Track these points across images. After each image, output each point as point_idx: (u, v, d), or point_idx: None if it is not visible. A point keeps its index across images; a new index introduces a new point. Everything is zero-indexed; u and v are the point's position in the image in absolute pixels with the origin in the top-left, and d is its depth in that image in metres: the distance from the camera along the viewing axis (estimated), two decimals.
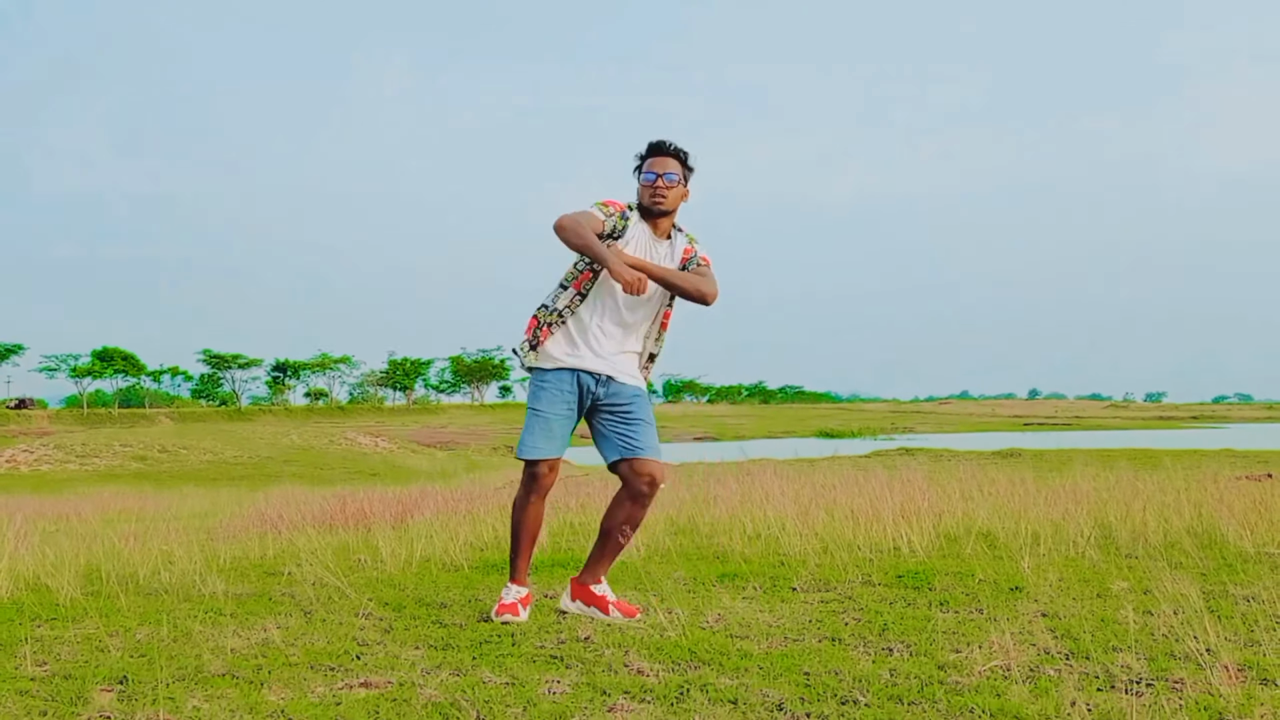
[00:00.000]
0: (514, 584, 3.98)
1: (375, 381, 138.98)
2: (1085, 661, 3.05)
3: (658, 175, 3.93)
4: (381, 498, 9.15)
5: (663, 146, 3.98)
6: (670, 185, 3.94)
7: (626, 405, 3.95)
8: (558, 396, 3.94)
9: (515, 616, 3.84)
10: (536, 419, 3.94)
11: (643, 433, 3.93)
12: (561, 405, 3.94)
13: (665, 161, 3.96)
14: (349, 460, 42.28)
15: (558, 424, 3.94)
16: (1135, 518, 5.65)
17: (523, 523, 4.06)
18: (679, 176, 3.97)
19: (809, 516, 6.16)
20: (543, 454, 3.93)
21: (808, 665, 3.05)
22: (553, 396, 3.94)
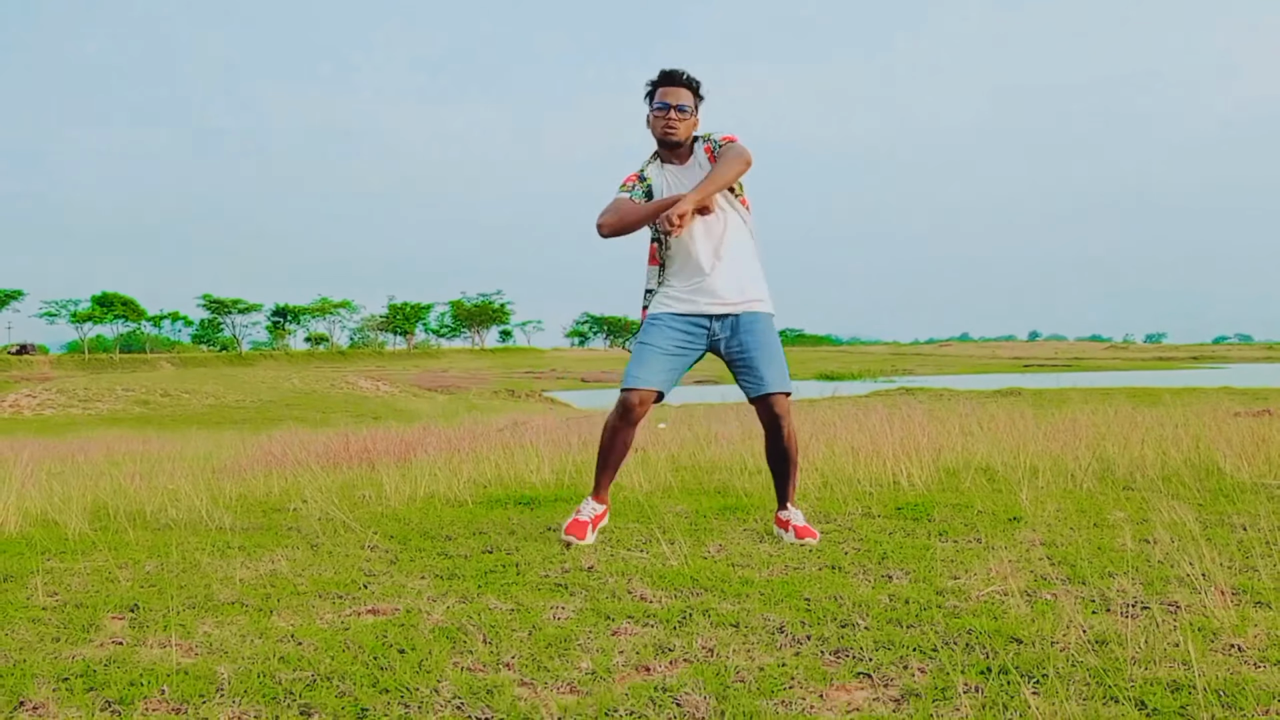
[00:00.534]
0: (593, 499, 4.08)
1: (375, 326, 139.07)
2: (1082, 586, 3.09)
3: (670, 106, 3.95)
4: (385, 436, 9.21)
5: (675, 76, 3.98)
6: (683, 116, 3.96)
7: (741, 341, 3.96)
8: (665, 332, 3.98)
9: (579, 539, 3.92)
10: (639, 349, 4.00)
11: (760, 368, 3.94)
12: (666, 340, 3.97)
13: (678, 92, 3.96)
14: (350, 404, 42.44)
15: (658, 357, 3.96)
16: (1134, 450, 5.69)
17: (610, 445, 4.07)
18: (690, 107, 3.98)
19: (809, 452, 6.20)
20: (636, 383, 3.94)
21: (808, 591, 3.09)
22: (659, 331, 3.99)
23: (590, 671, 2.41)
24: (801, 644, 2.60)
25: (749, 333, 3.98)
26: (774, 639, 2.64)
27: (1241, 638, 2.52)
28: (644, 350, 3.97)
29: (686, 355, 4.02)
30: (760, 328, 4.00)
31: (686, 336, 4.00)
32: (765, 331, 4.00)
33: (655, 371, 3.97)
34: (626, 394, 3.97)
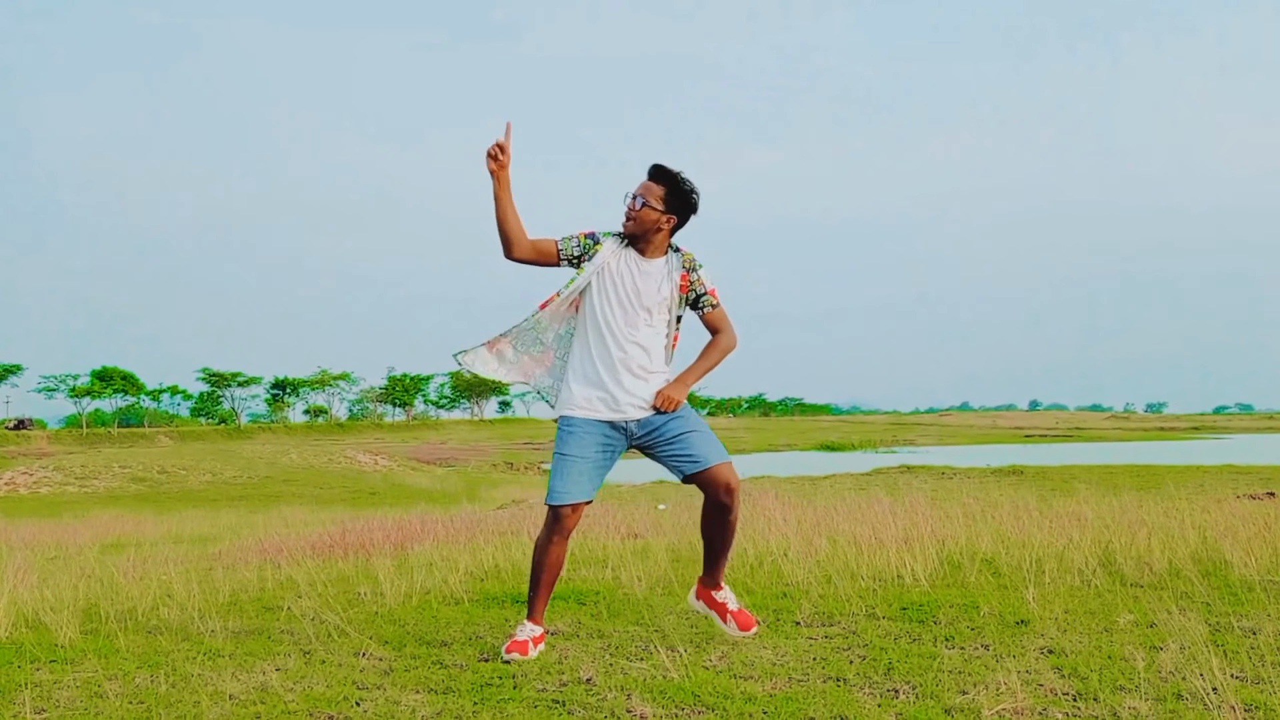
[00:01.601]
0: (529, 621, 3.94)
1: (375, 398, 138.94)
2: (1093, 704, 3.02)
3: (631, 196, 3.93)
4: (381, 525, 9.12)
5: (653, 170, 3.94)
6: (634, 206, 3.90)
7: (666, 427, 3.89)
8: (586, 439, 3.90)
9: (523, 655, 3.79)
10: (562, 462, 3.89)
11: (696, 444, 3.85)
12: (589, 449, 3.90)
13: (646, 186, 3.92)
14: (349, 479, 42.22)
15: (585, 467, 3.88)
16: (1140, 544, 5.61)
17: (543, 564, 3.96)
18: (649, 199, 3.88)
19: (811, 544, 6.13)
20: (565, 499, 3.86)
21: (813, 709, 3.02)
22: (581, 440, 3.90)
23: None
24: None
25: (673, 420, 3.90)
26: None
27: None
28: (566, 462, 3.87)
29: (609, 458, 3.95)
30: (684, 412, 3.94)
31: (607, 440, 3.92)
32: (691, 415, 3.95)
33: (581, 483, 3.88)
34: (556, 510, 3.89)
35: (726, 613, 4.00)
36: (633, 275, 3.94)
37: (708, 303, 4.03)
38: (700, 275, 4.00)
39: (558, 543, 3.94)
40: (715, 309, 4.06)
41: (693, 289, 4.00)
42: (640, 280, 3.94)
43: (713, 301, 4.04)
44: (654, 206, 3.89)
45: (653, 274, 3.95)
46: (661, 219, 3.91)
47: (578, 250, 3.97)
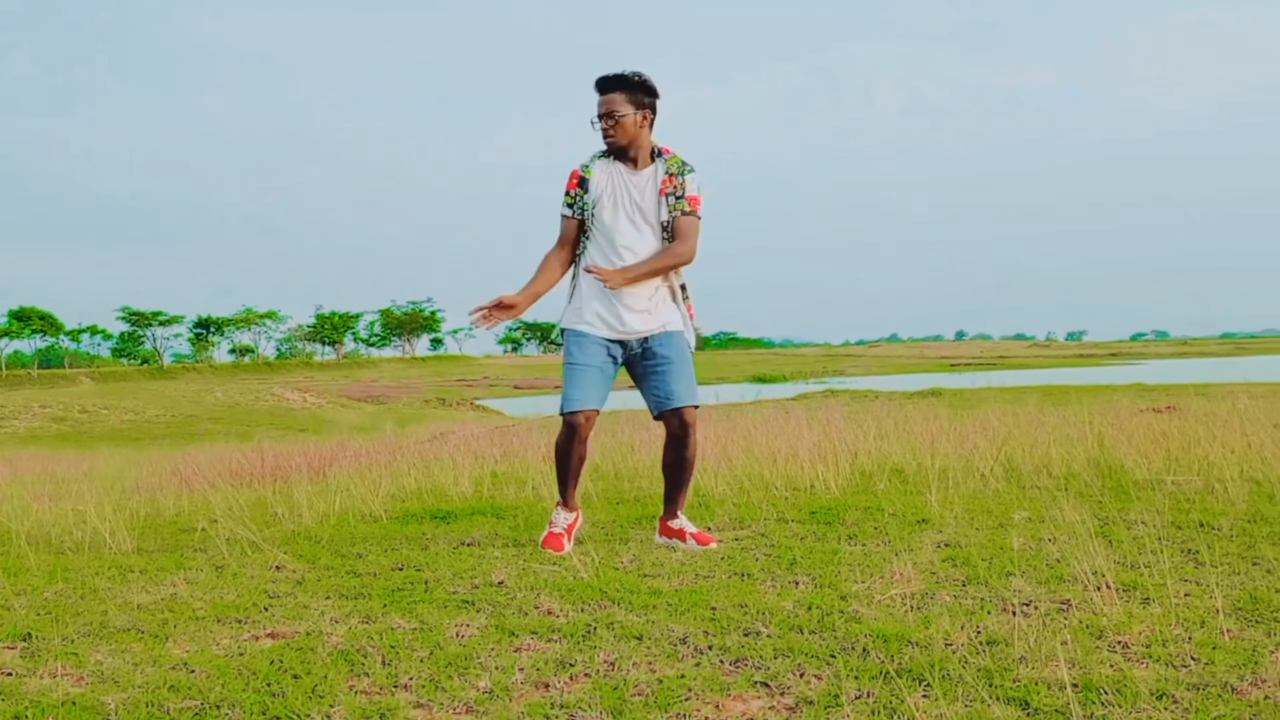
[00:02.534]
0: (563, 509, 4.10)
1: (303, 336, 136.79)
2: (980, 587, 3.15)
3: (601, 116, 3.90)
4: (301, 451, 9.06)
5: (604, 82, 3.91)
6: (613, 123, 3.88)
7: (655, 355, 3.97)
8: (592, 350, 3.96)
9: (557, 550, 3.94)
10: (573, 370, 3.95)
11: (671, 383, 3.94)
12: (596, 358, 3.95)
13: (609, 99, 3.90)
14: (276, 416, 41.71)
15: (594, 375, 3.94)
16: (1040, 450, 5.82)
17: (568, 462, 4.04)
18: (623, 110, 3.88)
19: (728, 458, 6.24)
20: (579, 404, 3.92)
21: (715, 600, 3.11)
22: (588, 349, 3.96)
23: (488, 691, 2.40)
24: (703, 654, 2.61)
25: (663, 347, 3.98)
26: (676, 650, 2.65)
27: (1126, 634, 2.59)
28: (577, 370, 3.94)
29: (612, 371, 4.02)
30: (674, 344, 4.00)
31: (609, 355, 3.99)
32: (679, 348, 4.00)
33: (593, 390, 3.95)
34: (571, 416, 3.94)
35: (686, 535, 4.06)
36: (627, 186, 3.95)
37: (680, 207, 3.96)
38: (685, 179, 3.96)
39: (577, 446, 4.00)
40: (686, 215, 3.97)
41: (672, 191, 3.95)
42: (635, 191, 3.95)
43: (685, 208, 3.96)
44: (627, 113, 3.88)
45: (643, 182, 3.96)
46: (638, 119, 3.91)
47: (583, 200, 3.98)
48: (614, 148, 3.94)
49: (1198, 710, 2.10)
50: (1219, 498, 4.50)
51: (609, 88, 3.90)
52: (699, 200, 3.97)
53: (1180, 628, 2.66)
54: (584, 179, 3.98)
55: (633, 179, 3.95)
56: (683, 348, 4.02)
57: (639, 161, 3.97)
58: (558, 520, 4.12)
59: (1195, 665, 2.37)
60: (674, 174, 3.95)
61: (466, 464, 7.18)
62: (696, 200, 3.96)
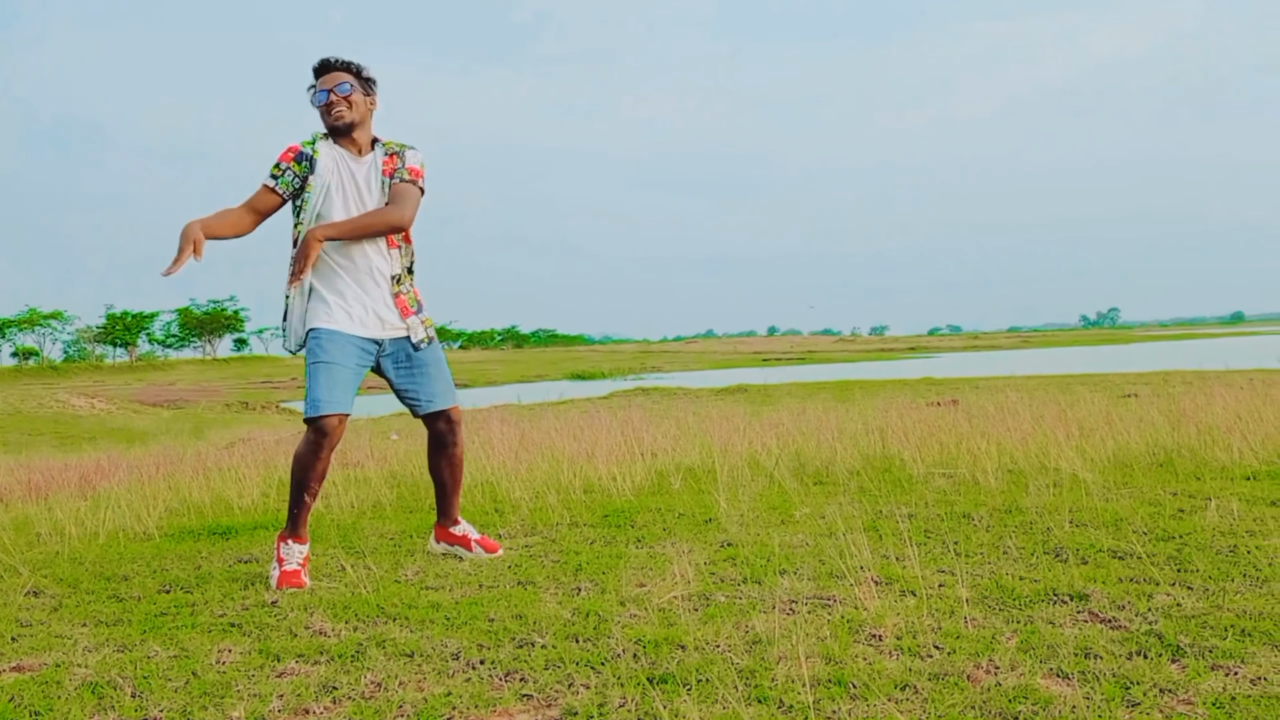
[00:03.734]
0: (295, 541, 3.69)
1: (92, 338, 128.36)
2: (755, 587, 3.24)
3: (330, 91, 3.75)
4: (73, 465, 8.49)
5: (328, 63, 3.79)
6: (345, 96, 3.75)
7: (411, 355, 3.83)
8: (346, 349, 3.67)
9: (299, 587, 3.52)
10: (321, 370, 3.62)
11: (424, 381, 3.82)
12: (349, 358, 3.68)
13: (334, 76, 3.77)
14: (61, 424, 38.95)
15: (345, 375, 3.65)
16: (827, 449, 6.06)
17: (309, 475, 3.66)
18: (353, 86, 3.77)
19: (524, 463, 6.22)
20: (331, 407, 3.59)
21: (494, 611, 3.08)
22: (338, 347, 3.66)
23: None
24: (474, 669, 2.58)
25: (416, 347, 3.83)
26: (447, 666, 2.61)
27: (881, 627, 2.72)
28: (327, 370, 3.62)
29: (363, 372, 3.78)
30: (429, 343, 3.87)
31: (362, 354, 3.75)
32: (433, 347, 3.88)
33: (345, 391, 3.65)
34: (323, 420, 3.59)
35: (470, 542, 3.96)
36: (354, 175, 3.78)
37: (401, 175, 3.80)
38: (405, 156, 3.83)
39: (324, 457, 3.66)
40: (405, 183, 3.79)
41: (395, 170, 3.80)
42: (361, 180, 3.78)
43: (407, 176, 3.80)
44: (358, 90, 3.79)
45: (366, 169, 3.80)
46: (368, 102, 3.83)
47: (297, 179, 3.74)
48: (341, 127, 3.76)
49: (934, 699, 2.22)
50: (981, 490, 4.79)
51: (336, 68, 3.79)
52: (421, 172, 3.83)
53: (931, 618, 2.81)
54: (305, 154, 3.74)
55: (356, 166, 3.79)
56: (436, 345, 3.89)
57: (362, 149, 3.82)
58: (290, 557, 3.66)
59: (939, 654, 2.50)
60: (395, 153, 3.82)
61: (255, 473, 6.90)
62: (418, 171, 3.82)
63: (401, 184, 3.78)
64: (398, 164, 3.82)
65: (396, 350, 3.83)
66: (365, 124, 3.83)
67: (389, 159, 3.82)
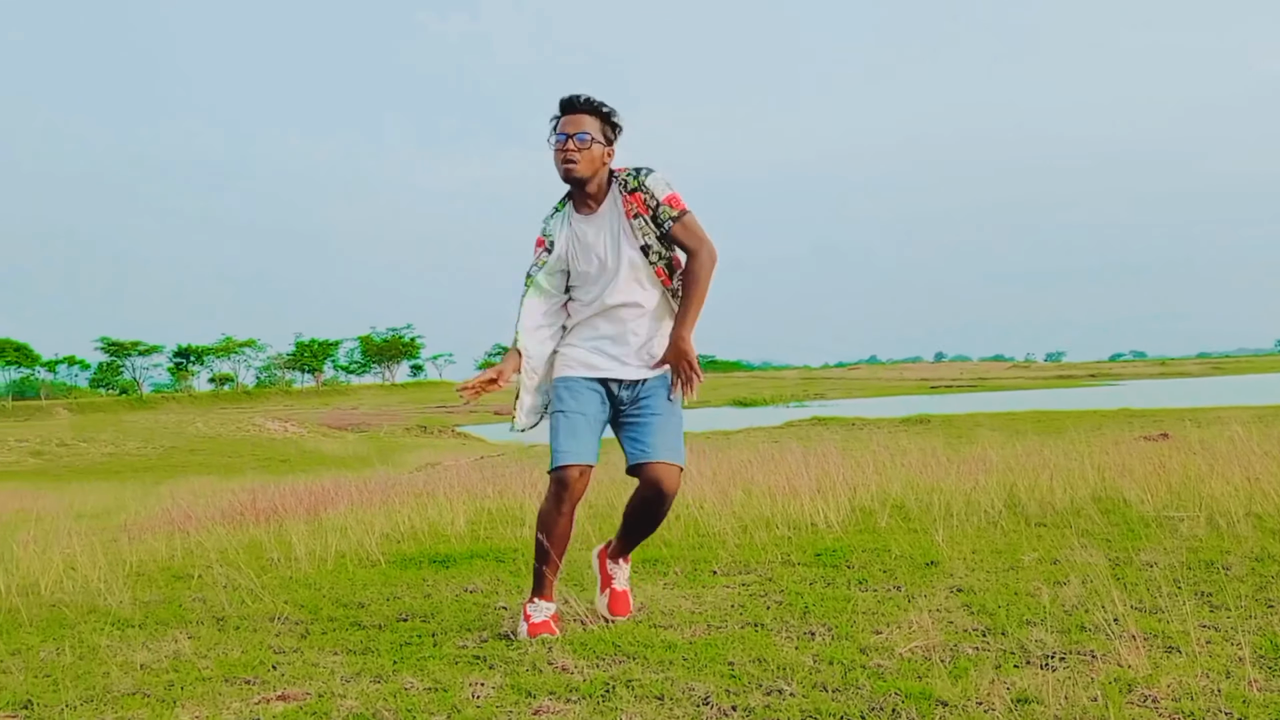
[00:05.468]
0: (541, 600, 3.49)
1: (283, 364, 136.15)
2: (1001, 638, 3.11)
3: (567, 136, 3.43)
4: (293, 490, 8.95)
5: (573, 102, 3.45)
6: (581, 145, 3.42)
7: (643, 402, 3.51)
8: (586, 395, 3.49)
9: (551, 635, 3.40)
10: (563, 419, 3.45)
11: (650, 431, 3.46)
12: (589, 405, 3.48)
13: (577, 120, 3.44)
14: (258, 447, 41.34)
15: (588, 424, 3.45)
16: (1043, 485, 5.80)
17: (551, 537, 3.47)
18: (593, 135, 3.44)
19: (727, 495, 6.20)
20: (571, 458, 3.39)
21: (732, 654, 3.06)
22: (580, 396, 3.48)
23: None
24: (728, 716, 2.56)
25: (652, 396, 3.51)
26: (699, 712, 2.60)
27: (1155, 688, 2.56)
28: (568, 419, 3.44)
29: (605, 419, 3.54)
30: (663, 393, 3.52)
31: (603, 402, 3.52)
32: (660, 388, 3.53)
33: (587, 443, 3.43)
34: (563, 472, 3.40)
35: (608, 586, 3.70)
36: (586, 234, 3.52)
37: (666, 215, 3.46)
38: (649, 185, 3.47)
39: (566, 513, 3.45)
40: (679, 221, 3.47)
41: (646, 204, 3.47)
42: (595, 236, 3.51)
43: (672, 213, 3.46)
44: (599, 140, 3.46)
45: (602, 225, 3.52)
46: (606, 152, 3.50)
47: (549, 266, 3.57)
48: (572, 179, 3.47)
49: None
50: (1225, 535, 4.48)
51: (580, 109, 3.46)
52: (678, 197, 3.48)
53: (1206, 679, 2.63)
54: (545, 242, 3.59)
55: (587, 225, 3.52)
56: (666, 403, 3.52)
57: (596, 199, 3.53)
58: (537, 612, 3.47)
59: None
60: (634, 189, 3.48)
61: (460, 500, 7.11)
62: (676, 199, 3.48)
63: (676, 225, 3.46)
64: (647, 199, 3.48)
65: (630, 397, 3.54)
66: (600, 175, 3.51)
67: (631, 197, 3.48)
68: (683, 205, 3.48)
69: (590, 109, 3.46)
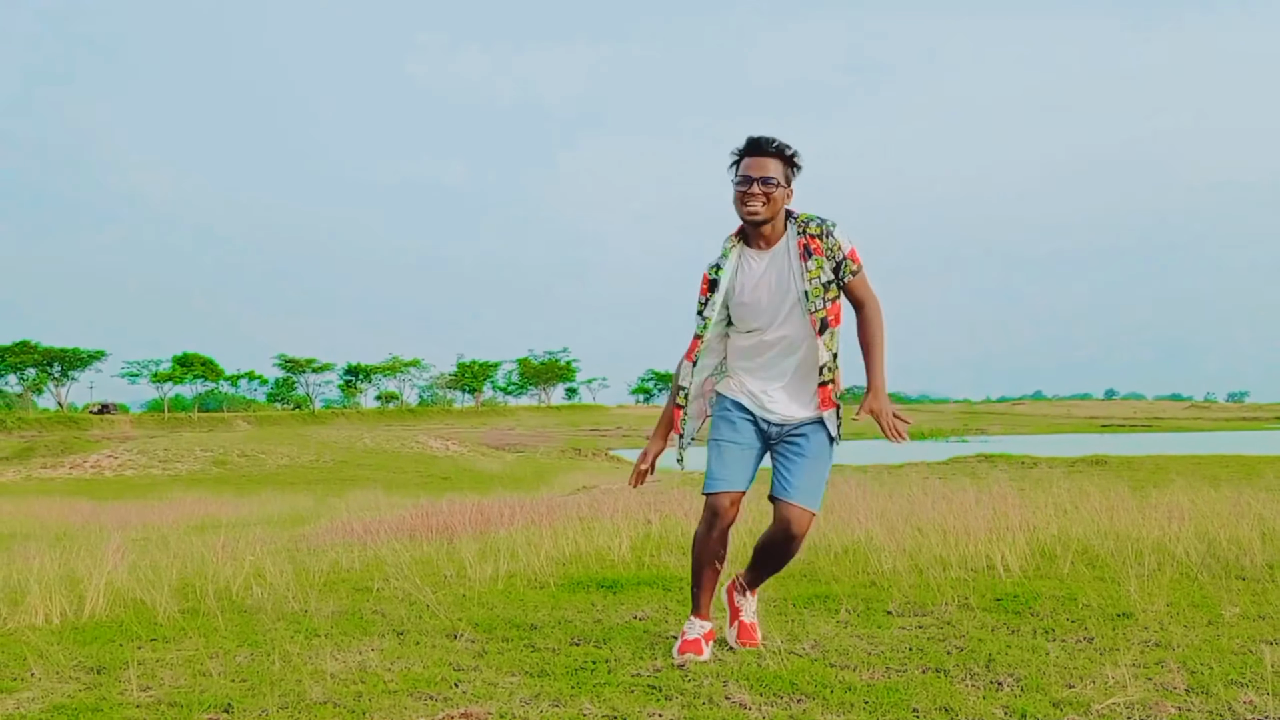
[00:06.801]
0: (697, 618, 3.63)
1: (444, 384, 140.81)
2: (1206, 698, 2.92)
3: (753, 179, 3.45)
4: (462, 508, 9.21)
5: (761, 144, 3.48)
6: (768, 190, 3.45)
7: (791, 437, 3.57)
8: (739, 425, 3.58)
9: (698, 656, 3.52)
10: (716, 447, 3.58)
11: (794, 470, 3.52)
12: (743, 435, 3.57)
13: (763, 163, 3.46)
14: (421, 463, 42.81)
15: (741, 453, 3.55)
16: (1243, 536, 5.43)
17: (704, 559, 3.60)
18: (778, 180, 3.46)
19: (896, 531, 6.04)
20: (722, 486, 3.51)
21: (915, 700, 2.96)
22: (736, 426, 3.58)
23: None
24: None
25: (803, 438, 3.55)
26: None
27: None
28: (720, 447, 3.56)
29: (758, 445, 3.61)
30: (816, 438, 3.55)
31: (756, 430, 3.60)
32: (819, 444, 3.56)
33: (738, 469, 3.54)
34: (714, 499, 3.52)
35: (737, 618, 3.75)
36: (755, 270, 3.55)
37: (848, 270, 3.50)
38: (836, 237, 3.49)
39: (717, 537, 3.56)
40: (857, 275, 3.52)
41: (828, 254, 3.49)
42: (764, 273, 3.54)
43: (853, 267, 3.50)
44: (781, 184, 3.49)
45: (775, 263, 3.54)
46: (786, 194, 3.52)
47: (713, 308, 3.61)
48: (753, 222, 3.50)
49: None
50: None
51: (768, 151, 3.49)
52: (857, 253, 3.51)
53: None
54: (713, 281, 3.62)
55: (764, 267, 3.54)
56: (822, 446, 3.56)
57: (770, 239, 3.55)
58: (691, 629, 3.62)
59: None
60: (816, 235, 3.49)
61: (623, 525, 7.16)
62: (856, 254, 3.50)
63: (855, 279, 3.52)
64: (828, 249, 3.50)
65: (780, 434, 3.59)
66: (778, 220, 3.54)
67: (810, 241, 3.50)
68: (860, 260, 3.54)
69: (777, 153, 3.49)
